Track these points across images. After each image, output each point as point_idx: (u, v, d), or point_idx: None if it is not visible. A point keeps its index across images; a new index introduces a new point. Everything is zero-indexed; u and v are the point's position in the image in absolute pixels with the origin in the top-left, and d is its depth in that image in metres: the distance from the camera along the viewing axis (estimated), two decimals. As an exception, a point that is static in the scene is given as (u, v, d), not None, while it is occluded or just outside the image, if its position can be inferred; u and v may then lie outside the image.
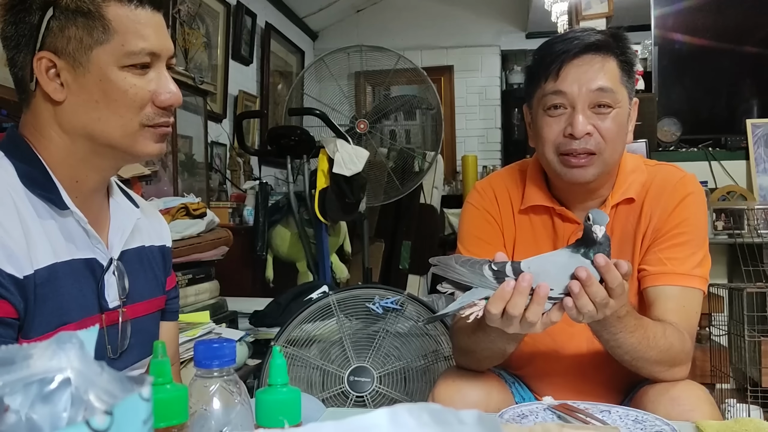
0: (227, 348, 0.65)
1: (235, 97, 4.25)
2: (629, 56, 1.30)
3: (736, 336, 2.67)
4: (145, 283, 1.12)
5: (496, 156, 5.75)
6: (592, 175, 1.28)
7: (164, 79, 1.01)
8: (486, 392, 1.27)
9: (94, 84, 0.96)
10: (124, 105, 0.97)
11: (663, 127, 3.48)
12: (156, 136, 1.02)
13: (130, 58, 0.96)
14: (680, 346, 1.20)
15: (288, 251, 3.55)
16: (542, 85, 1.28)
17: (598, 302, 1.04)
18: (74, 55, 0.95)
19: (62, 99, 0.97)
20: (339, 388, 1.93)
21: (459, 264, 1.08)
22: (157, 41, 0.99)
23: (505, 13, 5.74)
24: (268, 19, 4.75)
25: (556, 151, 1.28)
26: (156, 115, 1.00)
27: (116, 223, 1.09)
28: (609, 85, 1.25)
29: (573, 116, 1.25)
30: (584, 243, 1.07)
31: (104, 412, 0.29)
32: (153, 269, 1.16)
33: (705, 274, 1.31)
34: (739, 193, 3.23)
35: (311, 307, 2.01)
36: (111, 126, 0.98)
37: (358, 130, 4.18)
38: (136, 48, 0.96)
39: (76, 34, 0.94)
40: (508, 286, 1.04)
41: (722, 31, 3.74)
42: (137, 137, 1.00)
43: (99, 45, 0.95)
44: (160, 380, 0.58)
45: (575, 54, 1.25)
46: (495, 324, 1.07)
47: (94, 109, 0.97)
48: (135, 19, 0.96)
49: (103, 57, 0.95)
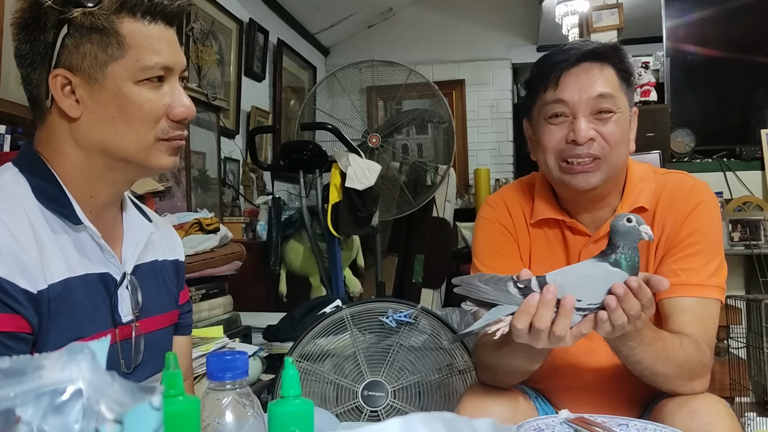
0: (240, 360, 0.65)
1: (247, 113, 4.28)
2: (627, 65, 1.30)
3: (755, 348, 2.64)
4: (158, 297, 1.12)
5: (509, 169, 5.74)
6: (599, 180, 1.27)
7: (178, 92, 1.02)
8: (511, 408, 1.25)
9: (110, 99, 0.97)
10: (139, 119, 0.98)
11: (676, 138, 3.46)
12: (170, 149, 1.03)
13: (144, 73, 0.97)
14: (698, 358, 1.18)
15: (301, 265, 3.55)
16: (542, 95, 1.29)
17: (633, 315, 1.02)
18: (89, 71, 0.96)
19: (78, 115, 0.97)
20: (353, 403, 1.91)
21: (483, 282, 1.05)
22: (170, 55, 1.00)
23: (515, 27, 5.76)
24: (280, 35, 4.78)
25: (557, 157, 1.28)
26: (170, 128, 1.01)
27: (129, 237, 1.09)
28: (609, 91, 1.25)
29: (575, 123, 1.25)
30: (611, 250, 1.05)
31: (114, 420, 0.29)
32: (166, 283, 1.16)
33: (721, 284, 1.28)
34: (755, 204, 3.20)
35: (324, 321, 2.01)
36: (126, 140, 0.99)
37: (370, 144, 4.19)
38: (150, 63, 0.97)
39: (91, 51, 0.95)
40: (533, 299, 1.02)
41: (734, 42, 3.73)
42: (152, 151, 1.00)
43: (114, 61, 0.96)
44: (172, 392, 0.57)
45: (573, 62, 1.26)
46: (522, 340, 1.05)
47: (110, 124, 0.98)
48: (148, 35, 0.97)
49: (118, 72, 0.96)
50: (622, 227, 1.04)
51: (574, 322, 1.03)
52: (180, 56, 1.03)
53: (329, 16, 5.34)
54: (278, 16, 4.81)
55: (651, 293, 1.03)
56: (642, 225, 1.04)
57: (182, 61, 1.03)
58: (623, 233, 1.04)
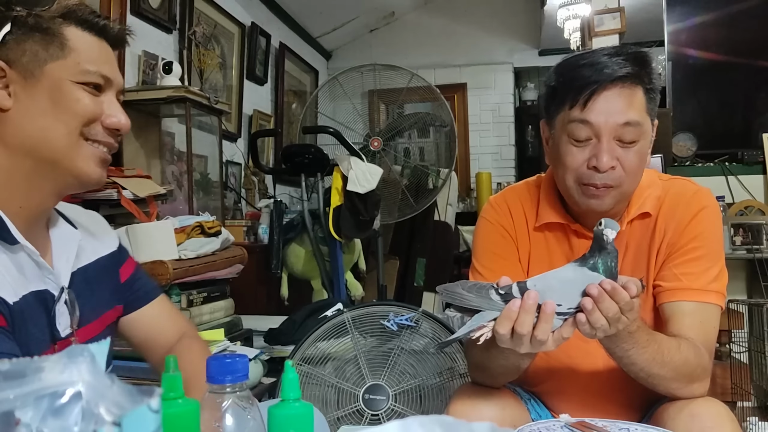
0: (240, 363, 0.65)
1: (249, 117, 4.29)
2: (655, 83, 1.26)
3: (757, 353, 2.63)
4: (95, 302, 1.10)
5: (510, 173, 5.74)
6: (609, 205, 1.26)
7: (115, 105, 1.03)
8: (501, 409, 1.26)
9: (45, 93, 0.97)
10: (72, 114, 0.98)
11: (678, 142, 3.46)
12: (98, 158, 1.01)
13: (84, 76, 0.98)
14: (696, 361, 1.18)
15: (303, 269, 3.55)
16: (567, 110, 1.24)
17: (611, 317, 1.03)
18: (27, 66, 0.96)
19: (8, 107, 0.96)
20: (354, 407, 1.91)
21: (465, 290, 1.07)
22: (111, 70, 1.02)
23: (517, 31, 5.76)
24: (282, 39, 4.79)
25: (577, 180, 1.25)
26: (101, 133, 1.01)
27: (59, 248, 1.07)
28: (636, 119, 1.22)
29: (598, 148, 1.22)
30: (590, 255, 1.06)
31: (112, 423, 0.29)
32: (103, 282, 1.14)
33: (722, 289, 1.28)
34: (757, 208, 3.20)
35: (326, 324, 2.01)
36: (55, 135, 0.97)
37: (372, 147, 4.19)
38: (91, 68, 0.98)
39: (31, 48, 0.96)
40: (514, 305, 1.03)
41: (736, 46, 3.73)
42: (80, 152, 0.99)
43: (54, 60, 0.97)
44: (172, 395, 0.57)
45: (605, 86, 1.21)
46: (505, 345, 1.06)
47: (41, 116, 0.97)
48: (92, 45, 1.00)
49: (57, 71, 0.97)
50: (597, 232, 1.05)
51: (556, 327, 1.04)
52: (120, 76, 1.04)
53: (331, 19, 5.36)
54: (280, 20, 4.82)
55: (629, 296, 1.03)
56: (606, 228, 1.04)
57: (121, 81, 1.05)
58: (597, 238, 1.06)
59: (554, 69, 1.31)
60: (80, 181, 1.03)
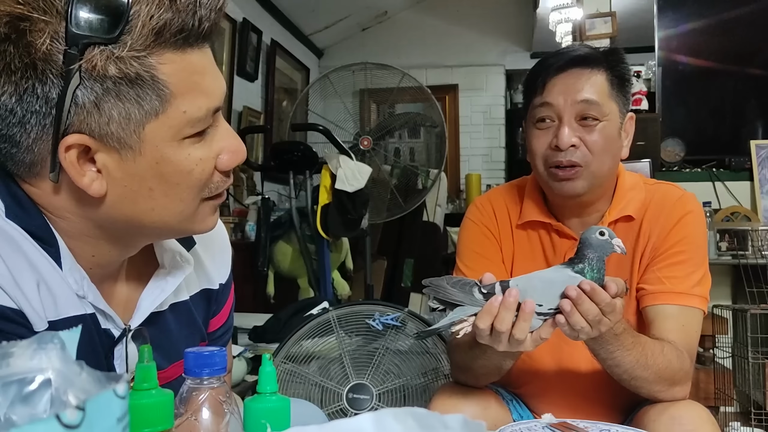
0: (218, 356, 0.64)
1: (239, 113, 4.27)
2: (621, 71, 1.30)
3: (741, 358, 2.65)
4: (169, 348, 0.87)
5: (500, 175, 5.75)
6: (582, 188, 1.27)
7: (226, 132, 0.78)
8: (482, 408, 1.26)
9: (149, 169, 0.72)
10: (187, 187, 0.75)
11: (666, 147, 3.48)
12: (214, 207, 0.82)
13: (193, 127, 0.73)
14: (679, 365, 1.19)
15: (289, 267, 3.54)
16: (532, 99, 1.30)
17: (591, 319, 1.03)
18: (119, 136, 0.70)
19: (102, 193, 0.73)
20: (337, 405, 1.91)
21: (450, 285, 1.08)
22: (218, 89, 0.76)
23: (510, 33, 5.77)
24: (273, 36, 4.78)
25: (544, 164, 1.29)
26: (220, 182, 0.79)
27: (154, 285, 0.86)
28: (594, 98, 1.25)
29: (559, 128, 1.26)
30: (577, 259, 1.06)
31: (76, 407, 0.28)
32: (187, 324, 0.93)
33: (704, 294, 1.29)
34: (743, 214, 3.22)
35: (311, 323, 2.00)
36: (167, 214, 0.76)
37: (361, 146, 4.18)
38: (200, 113, 0.73)
39: (121, 110, 0.69)
40: (496, 301, 1.03)
41: (726, 53, 3.75)
42: (196, 217, 0.79)
43: (153, 118, 0.71)
44: (145, 385, 0.57)
45: (561, 67, 1.27)
46: (485, 341, 1.07)
47: (146, 198, 0.74)
48: (191, 70, 0.72)
49: (159, 132, 0.71)
50: (595, 240, 1.05)
51: (535, 327, 1.04)
52: (223, 81, 0.78)
53: (324, 17, 5.34)
54: (272, 17, 4.81)
55: (610, 298, 1.03)
56: (614, 239, 1.05)
57: (224, 88, 0.78)
58: (595, 246, 1.05)
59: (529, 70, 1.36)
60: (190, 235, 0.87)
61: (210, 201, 0.80)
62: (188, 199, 0.76)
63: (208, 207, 0.80)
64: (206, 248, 0.96)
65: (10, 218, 0.73)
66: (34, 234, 0.74)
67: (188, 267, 0.88)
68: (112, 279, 0.84)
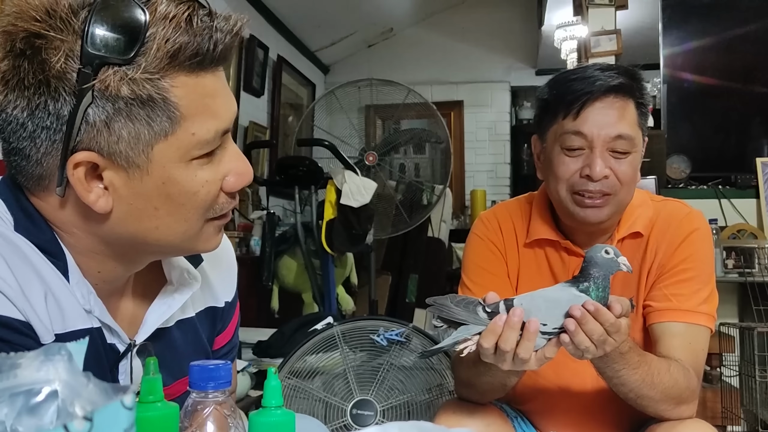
0: (223, 369, 0.64)
1: (245, 128, 4.29)
2: (645, 97, 1.28)
3: (748, 377, 2.62)
4: (173, 364, 0.86)
5: (505, 191, 5.75)
6: (606, 216, 1.26)
7: (234, 154, 0.80)
8: (486, 425, 1.25)
9: (155, 188, 0.73)
10: (192, 208, 0.76)
11: (672, 164, 3.47)
12: (218, 227, 0.82)
13: (201, 148, 0.74)
14: (686, 383, 1.18)
15: (294, 282, 3.54)
16: (560, 121, 1.26)
17: (596, 339, 1.02)
18: (127, 155, 0.71)
19: (108, 209, 0.73)
20: (341, 422, 1.90)
21: (454, 303, 1.07)
22: (228, 111, 0.78)
23: (515, 50, 5.80)
24: (280, 52, 4.81)
25: (569, 189, 1.26)
26: (225, 203, 0.80)
27: (161, 302, 0.87)
28: (628, 132, 1.23)
29: (591, 158, 1.23)
30: (582, 278, 1.06)
31: (83, 417, 0.28)
32: (193, 341, 0.93)
33: (711, 311, 1.28)
34: (750, 232, 3.21)
35: (315, 338, 1.99)
36: (171, 233, 0.77)
37: (367, 162, 4.19)
38: (209, 135, 0.74)
39: (131, 130, 0.70)
40: (500, 320, 1.03)
41: (731, 71, 3.76)
42: (200, 236, 0.80)
43: (162, 139, 0.71)
44: (151, 398, 0.57)
45: (597, 96, 1.23)
46: (489, 360, 1.06)
47: (151, 217, 0.75)
48: (203, 93, 0.73)
49: (167, 153, 0.72)
50: (600, 258, 1.04)
51: (539, 346, 1.04)
52: (234, 104, 0.80)
53: (330, 34, 5.38)
54: (279, 33, 4.84)
55: (615, 318, 1.02)
56: (620, 257, 1.05)
57: (235, 110, 0.80)
58: (600, 264, 1.04)
59: (547, 83, 1.33)
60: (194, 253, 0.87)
61: (215, 221, 0.81)
62: (193, 219, 0.77)
63: (213, 227, 0.81)
64: (213, 266, 0.97)
65: (20, 232, 0.74)
66: (43, 248, 0.75)
67: (195, 284, 0.89)
68: (118, 294, 0.86)
